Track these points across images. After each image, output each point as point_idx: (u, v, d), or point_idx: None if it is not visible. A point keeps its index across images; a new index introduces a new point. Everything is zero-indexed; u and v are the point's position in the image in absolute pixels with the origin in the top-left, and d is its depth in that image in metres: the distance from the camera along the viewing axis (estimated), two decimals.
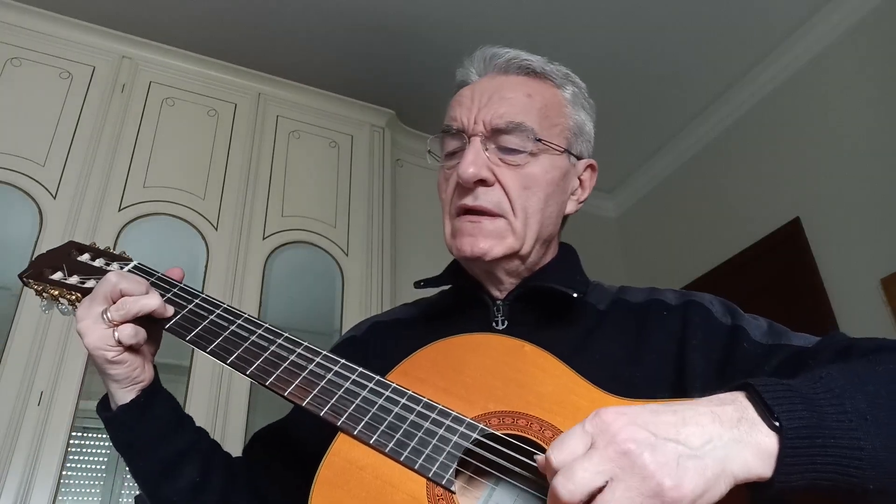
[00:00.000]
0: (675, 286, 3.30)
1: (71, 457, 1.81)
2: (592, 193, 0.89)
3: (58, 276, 0.79)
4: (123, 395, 0.75)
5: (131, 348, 0.73)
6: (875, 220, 2.27)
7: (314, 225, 2.40)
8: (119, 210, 2.11)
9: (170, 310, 0.75)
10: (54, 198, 2.04)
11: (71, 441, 1.80)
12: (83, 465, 2.02)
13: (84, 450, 2.02)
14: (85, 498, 2.05)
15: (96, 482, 2.07)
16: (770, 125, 2.76)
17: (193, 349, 0.75)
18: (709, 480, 0.46)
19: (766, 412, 0.50)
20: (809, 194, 2.52)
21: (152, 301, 0.73)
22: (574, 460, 0.47)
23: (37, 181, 2.04)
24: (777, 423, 0.49)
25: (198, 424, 0.82)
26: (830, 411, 0.50)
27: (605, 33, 2.61)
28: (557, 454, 0.49)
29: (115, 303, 0.72)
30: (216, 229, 2.23)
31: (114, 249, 0.86)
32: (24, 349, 1.82)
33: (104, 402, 0.78)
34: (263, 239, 2.30)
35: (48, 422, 1.77)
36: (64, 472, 1.76)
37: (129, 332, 0.71)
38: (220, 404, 1.97)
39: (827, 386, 0.52)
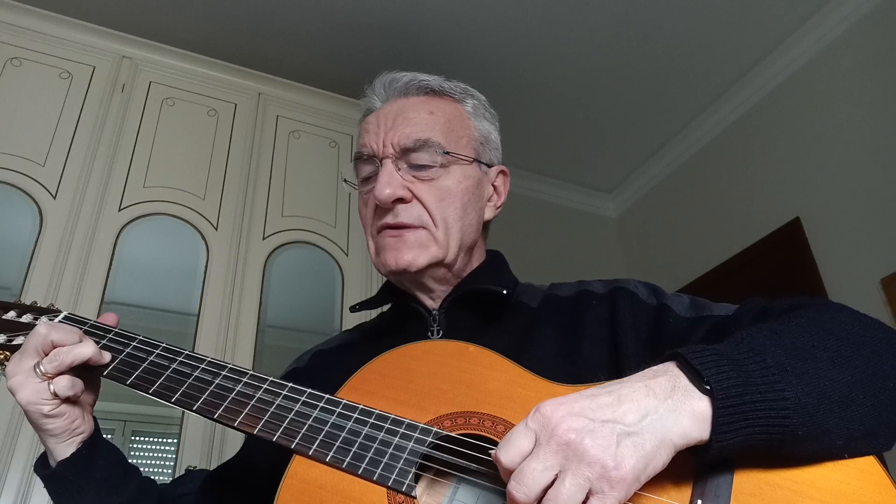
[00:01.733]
0: (675, 286, 3.28)
1: None
2: (592, 193, 0.90)
3: None
4: (63, 450, 0.72)
5: (69, 400, 0.71)
6: (875, 220, 2.27)
7: (314, 225, 2.40)
8: (119, 210, 2.11)
9: (106, 356, 0.73)
10: (54, 198, 2.04)
11: None
12: None
13: None
14: None
15: None
16: (770, 125, 2.75)
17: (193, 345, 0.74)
18: (648, 454, 0.49)
19: (697, 377, 0.52)
20: (809, 194, 2.52)
21: (86, 349, 0.70)
22: (523, 461, 0.50)
23: (37, 181, 2.04)
24: (708, 387, 0.51)
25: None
26: (754, 368, 0.53)
27: (605, 34, 2.61)
28: (504, 453, 0.51)
29: (47, 355, 0.70)
30: (216, 229, 2.23)
31: (113, 250, 0.84)
32: None
33: (42, 461, 0.75)
34: (263, 239, 2.30)
35: None
36: None
37: (66, 384, 0.69)
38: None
39: (749, 345, 0.55)
